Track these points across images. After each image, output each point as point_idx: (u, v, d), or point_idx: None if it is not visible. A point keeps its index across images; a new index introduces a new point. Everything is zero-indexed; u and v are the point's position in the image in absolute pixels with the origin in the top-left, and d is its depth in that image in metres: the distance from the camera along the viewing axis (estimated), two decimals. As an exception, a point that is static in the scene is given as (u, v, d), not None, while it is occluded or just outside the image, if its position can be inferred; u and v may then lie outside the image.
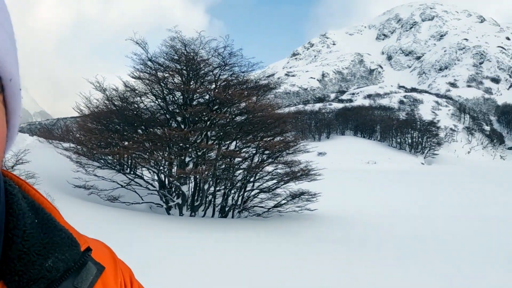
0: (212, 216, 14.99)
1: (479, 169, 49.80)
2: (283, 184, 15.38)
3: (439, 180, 34.43)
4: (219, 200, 15.57)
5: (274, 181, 15.47)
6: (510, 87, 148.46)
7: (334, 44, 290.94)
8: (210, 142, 15.06)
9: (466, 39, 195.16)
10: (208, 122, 14.98)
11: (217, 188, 15.23)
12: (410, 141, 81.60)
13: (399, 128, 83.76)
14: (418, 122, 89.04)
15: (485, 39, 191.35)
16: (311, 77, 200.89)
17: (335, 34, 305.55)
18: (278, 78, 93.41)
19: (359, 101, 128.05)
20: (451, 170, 48.29)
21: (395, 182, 33.21)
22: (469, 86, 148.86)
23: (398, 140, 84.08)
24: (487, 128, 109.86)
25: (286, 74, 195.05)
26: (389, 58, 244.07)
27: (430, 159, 76.54)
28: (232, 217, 15.24)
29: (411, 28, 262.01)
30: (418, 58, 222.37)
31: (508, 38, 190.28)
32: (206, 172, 13.76)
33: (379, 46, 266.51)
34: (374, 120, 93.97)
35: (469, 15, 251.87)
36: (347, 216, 16.36)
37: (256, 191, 15.77)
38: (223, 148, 15.22)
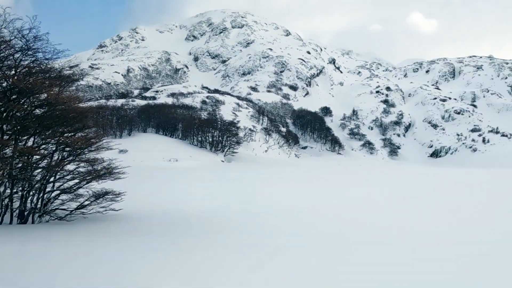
0: (10, 223, 14.45)
1: (274, 164, 62.11)
2: (86, 184, 15.50)
3: (237, 175, 41.56)
4: (17, 204, 14.82)
5: (76, 180, 15.47)
6: (306, 94, 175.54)
7: (143, 39, 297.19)
8: (5, 138, 14.34)
9: (271, 49, 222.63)
10: (4, 114, 14.23)
11: (14, 190, 14.63)
12: (211, 139, 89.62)
13: (201, 127, 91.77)
14: (219, 122, 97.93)
15: (288, 51, 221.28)
16: (116, 72, 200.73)
17: (145, 30, 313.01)
18: (82, 70, 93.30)
19: (163, 99, 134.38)
20: (249, 166, 59.31)
21: (197, 179, 37.53)
22: (269, 91, 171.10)
23: (200, 138, 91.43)
24: (284, 129, 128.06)
25: (90, 66, 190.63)
26: (196, 59, 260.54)
27: (230, 157, 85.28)
28: (33, 222, 14.76)
29: (220, 33, 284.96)
30: (224, 61, 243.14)
31: (308, 52, 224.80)
32: (1, 172, 13.27)
33: (187, 47, 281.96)
34: (177, 119, 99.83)
35: (276, 28, 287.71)
36: (151, 213, 17.34)
37: (57, 192, 15.48)
38: (21, 144, 14.86)
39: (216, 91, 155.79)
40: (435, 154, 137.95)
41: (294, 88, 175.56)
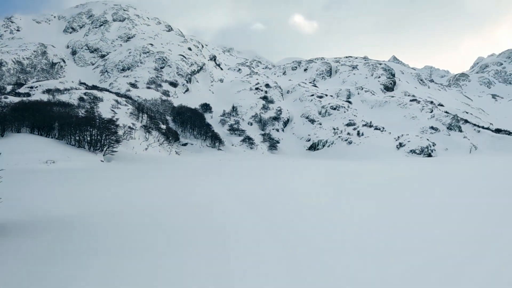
0: None
1: (157, 163, 60.48)
2: None
3: (116, 176, 40.15)
4: None
5: None
6: (186, 91, 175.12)
7: (18, 30, 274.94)
8: None
9: (152, 44, 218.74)
10: None
11: None
12: (89, 139, 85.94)
13: (78, 126, 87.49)
14: (98, 120, 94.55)
15: (169, 46, 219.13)
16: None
17: (21, 19, 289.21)
18: None
19: (38, 95, 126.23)
20: (132, 167, 57.33)
21: (77, 181, 34.94)
22: (148, 87, 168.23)
23: (77, 138, 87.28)
24: (164, 126, 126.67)
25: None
26: (74, 53, 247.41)
27: (110, 156, 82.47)
28: None
29: (101, 25, 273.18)
30: (103, 56, 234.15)
31: (190, 49, 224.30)
32: None
33: (65, 39, 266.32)
34: (53, 117, 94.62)
35: (158, 23, 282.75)
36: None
37: None
38: None
39: (94, 87, 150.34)
40: (313, 147, 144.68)
41: (174, 84, 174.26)
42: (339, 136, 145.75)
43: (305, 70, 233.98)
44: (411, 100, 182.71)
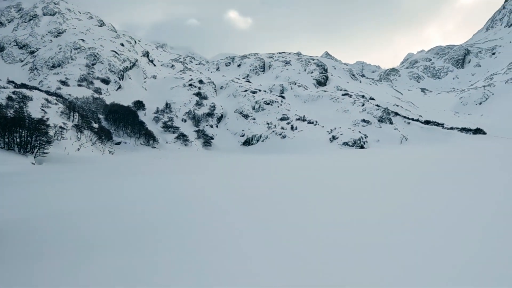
0: None
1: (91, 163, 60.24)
2: None
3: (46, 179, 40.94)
4: None
5: None
6: (118, 88, 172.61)
7: None
8: None
9: (83, 40, 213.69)
10: None
11: None
12: (19, 140, 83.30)
13: (7, 127, 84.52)
14: (27, 120, 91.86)
15: (101, 42, 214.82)
16: None
17: None
18: None
19: None
20: (64, 169, 56.92)
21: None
22: (80, 85, 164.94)
23: (6, 140, 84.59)
24: (96, 125, 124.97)
25: None
26: (2, 49, 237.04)
27: (41, 158, 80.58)
28: None
29: (30, 20, 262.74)
30: (32, 52, 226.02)
31: (122, 44, 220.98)
32: None
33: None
34: None
35: (90, 18, 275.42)
36: None
37: None
38: None
39: (23, 85, 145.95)
40: (248, 142, 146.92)
41: (106, 81, 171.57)
42: (273, 131, 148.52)
43: (239, 65, 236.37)
44: (343, 95, 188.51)
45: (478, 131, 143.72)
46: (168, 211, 16.48)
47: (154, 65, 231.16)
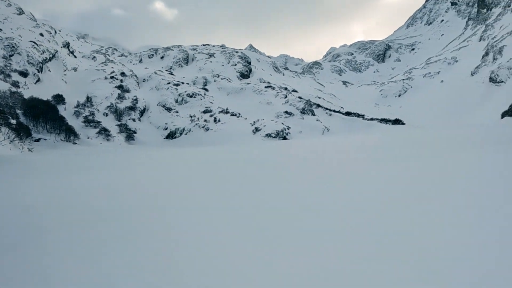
0: None
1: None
2: None
3: None
4: None
5: None
6: (37, 81, 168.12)
7: None
8: None
9: (1, 29, 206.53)
10: None
11: None
12: None
13: None
14: None
15: (20, 32, 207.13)
16: None
17: None
18: None
19: None
20: None
21: None
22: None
23: None
24: (14, 121, 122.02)
25: None
26: None
27: None
28: None
29: None
30: None
31: (41, 34, 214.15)
32: None
33: None
34: None
35: (9, 5, 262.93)
36: None
37: None
38: None
39: None
40: (171, 135, 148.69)
41: (24, 74, 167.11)
42: (196, 124, 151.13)
43: (162, 58, 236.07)
44: (266, 87, 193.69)
45: (397, 121, 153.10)
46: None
47: (75, 57, 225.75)
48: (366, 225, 9.40)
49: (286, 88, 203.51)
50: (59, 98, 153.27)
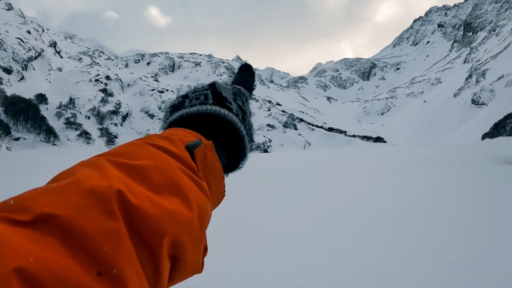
0: None
1: None
2: None
3: None
4: None
5: None
6: (21, 79, 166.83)
7: None
8: None
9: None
10: None
11: None
12: None
13: None
14: None
15: (7, 28, 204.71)
16: None
17: None
18: None
19: None
20: None
21: None
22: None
23: None
24: None
25: None
26: None
27: None
28: None
29: None
30: None
31: (29, 32, 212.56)
32: None
33: None
34: None
35: None
36: None
37: None
38: None
39: None
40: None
41: (8, 71, 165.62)
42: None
43: (148, 63, 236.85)
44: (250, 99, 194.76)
45: (378, 139, 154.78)
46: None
47: (61, 57, 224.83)
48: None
49: (270, 101, 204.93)
50: (42, 98, 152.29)
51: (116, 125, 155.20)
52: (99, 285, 0.46)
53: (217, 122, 0.78)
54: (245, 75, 0.99)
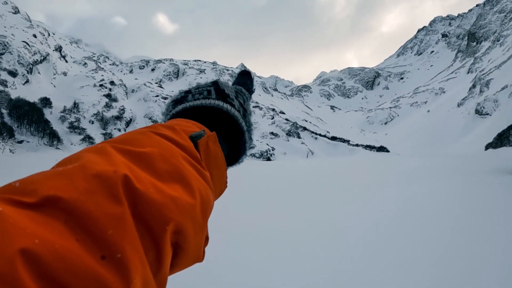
0: None
1: None
2: None
3: None
4: None
5: None
6: (26, 82, 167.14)
7: None
8: None
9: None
10: None
11: None
12: None
13: None
14: None
15: (13, 31, 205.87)
16: None
17: None
18: None
19: None
20: None
21: None
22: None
23: None
24: None
25: None
26: None
27: None
28: None
29: None
30: None
31: (35, 36, 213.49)
32: None
33: None
34: None
35: (5, 3, 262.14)
36: None
37: None
38: None
39: None
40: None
41: (14, 74, 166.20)
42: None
43: (153, 70, 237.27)
44: (253, 107, 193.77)
45: (381, 148, 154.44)
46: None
47: (66, 61, 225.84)
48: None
49: (273, 109, 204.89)
50: (46, 102, 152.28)
51: (120, 130, 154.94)
52: (102, 268, 0.49)
53: (219, 116, 0.83)
54: (245, 79, 1.07)
